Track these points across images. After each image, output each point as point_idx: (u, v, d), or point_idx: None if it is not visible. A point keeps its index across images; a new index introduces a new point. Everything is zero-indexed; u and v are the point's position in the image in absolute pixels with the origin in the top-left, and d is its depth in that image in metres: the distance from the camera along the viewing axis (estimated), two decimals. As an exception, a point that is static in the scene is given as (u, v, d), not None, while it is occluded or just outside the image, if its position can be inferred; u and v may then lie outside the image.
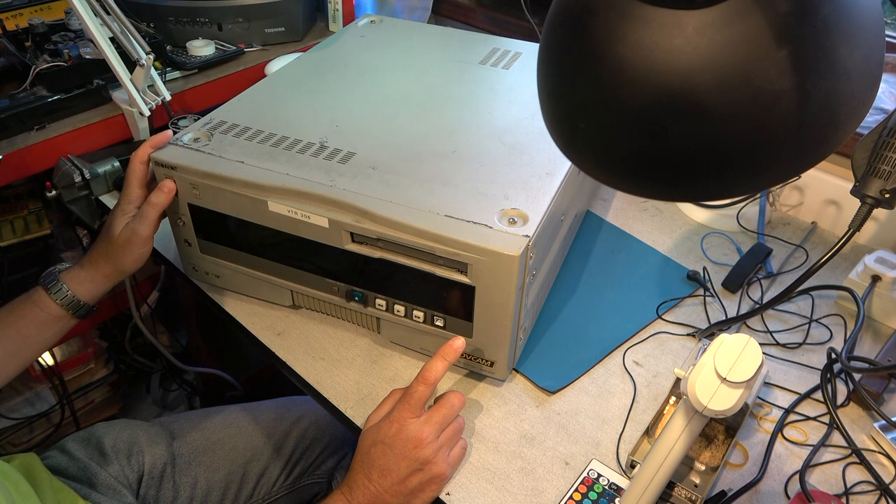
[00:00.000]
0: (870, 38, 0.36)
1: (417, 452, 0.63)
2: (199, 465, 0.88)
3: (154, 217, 0.73)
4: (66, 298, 0.72)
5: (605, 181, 0.44)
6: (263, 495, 0.92)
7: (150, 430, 0.89)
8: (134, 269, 0.75)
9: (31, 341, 0.73)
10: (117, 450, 0.85)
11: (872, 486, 0.66)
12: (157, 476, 0.85)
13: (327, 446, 0.98)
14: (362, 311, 0.76)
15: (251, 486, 0.91)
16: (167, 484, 0.86)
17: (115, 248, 0.73)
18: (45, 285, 0.72)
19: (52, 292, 0.72)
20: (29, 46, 1.04)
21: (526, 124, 0.81)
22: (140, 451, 0.86)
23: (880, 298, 0.83)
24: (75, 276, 0.73)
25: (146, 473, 0.85)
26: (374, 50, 0.99)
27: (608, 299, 0.86)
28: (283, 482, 0.94)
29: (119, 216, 0.74)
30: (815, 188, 0.98)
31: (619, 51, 0.36)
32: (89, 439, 0.85)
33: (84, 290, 0.73)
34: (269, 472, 0.93)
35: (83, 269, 0.74)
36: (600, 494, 0.65)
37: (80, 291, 0.73)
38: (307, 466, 0.96)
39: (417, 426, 0.63)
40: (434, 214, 0.66)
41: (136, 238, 0.72)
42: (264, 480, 0.92)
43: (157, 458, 0.86)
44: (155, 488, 0.85)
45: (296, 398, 1.01)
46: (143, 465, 0.85)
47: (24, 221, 1.11)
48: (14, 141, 0.94)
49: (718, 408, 0.52)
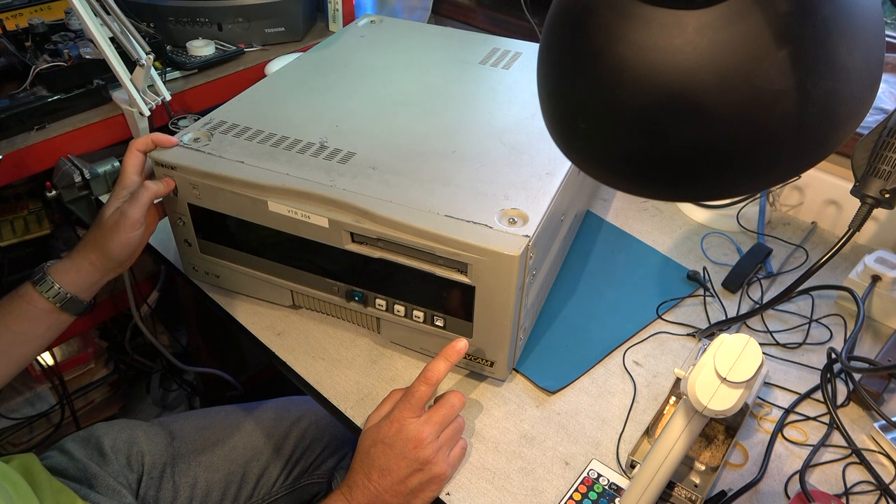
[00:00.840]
0: (870, 38, 0.36)
1: (417, 452, 0.63)
2: (199, 465, 0.88)
3: (146, 200, 0.71)
4: (52, 291, 0.70)
5: (605, 181, 0.44)
6: (263, 495, 0.92)
7: (149, 431, 0.89)
8: (121, 256, 0.72)
9: (23, 338, 0.71)
10: (117, 450, 0.85)
11: (872, 486, 0.66)
12: (157, 476, 0.85)
13: (327, 446, 0.98)
14: (362, 311, 0.76)
15: (251, 485, 0.91)
16: (167, 484, 0.86)
17: (103, 231, 0.71)
18: (32, 279, 0.71)
19: (39, 285, 0.70)
20: (29, 46, 1.04)
21: (526, 124, 0.81)
22: (140, 451, 0.86)
23: (880, 298, 0.83)
24: (61, 268, 0.72)
25: (146, 474, 0.85)
26: (374, 50, 0.99)
27: (608, 299, 0.86)
28: (283, 482, 0.94)
29: (112, 200, 0.72)
30: (815, 188, 0.98)
31: (619, 51, 0.36)
32: (88, 439, 0.85)
33: (69, 280, 0.71)
34: (269, 471, 0.93)
35: (69, 259, 0.72)
36: (600, 494, 0.65)
37: (66, 282, 0.71)
38: (307, 466, 0.96)
39: (418, 426, 0.63)
40: (434, 214, 0.66)
41: (125, 220, 0.70)
42: (264, 480, 0.92)
43: (156, 458, 0.86)
44: (154, 489, 0.85)
45: (295, 398, 1.01)
46: (142, 465, 0.85)
47: (24, 221, 1.11)
48: (14, 141, 0.94)
49: (718, 408, 0.52)
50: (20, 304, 0.71)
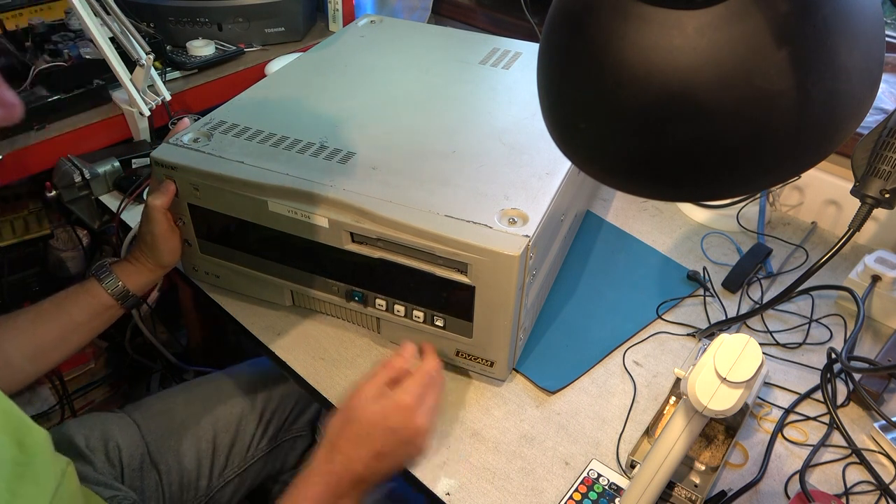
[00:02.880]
0: (870, 37, 0.36)
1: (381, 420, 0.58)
2: (169, 450, 0.89)
3: (159, 216, 0.76)
4: (117, 289, 0.77)
5: (606, 181, 0.44)
6: (239, 462, 0.93)
7: (119, 423, 0.89)
8: (173, 261, 0.80)
9: (81, 328, 0.77)
10: (93, 448, 0.85)
11: (872, 486, 0.66)
12: (137, 468, 0.86)
13: (299, 400, 0.98)
14: (362, 311, 0.76)
15: (224, 454, 0.91)
16: (148, 473, 0.87)
17: (148, 248, 0.78)
18: (98, 276, 0.77)
19: (105, 282, 0.76)
20: (29, 46, 1.04)
21: (526, 124, 0.81)
22: (115, 446, 0.86)
23: (880, 298, 0.83)
24: (124, 269, 0.78)
25: (126, 466, 0.86)
26: (374, 50, 0.99)
27: (608, 299, 0.86)
28: (259, 443, 0.95)
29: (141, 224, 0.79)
30: (815, 188, 0.98)
31: (619, 51, 0.36)
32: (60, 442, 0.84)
33: (132, 281, 0.78)
34: (242, 437, 0.93)
35: (130, 264, 0.79)
36: (600, 494, 0.65)
37: (129, 283, 0.77)
38: (282, 422, 0.97)
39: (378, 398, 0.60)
40: (434, 214, 0.66)
41: (156, 238, 0.77)
42: (238, 447, 0.93)
43: (133, 450, 0.87)
44: (139, 480, 0.86)
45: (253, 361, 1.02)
46: (121, 459, 0.86)
47: (24, 221, 1.11)
48: (14, 141, 0.94)
49: (718, 408, 0.52)
50: (85, 298, 0.76)
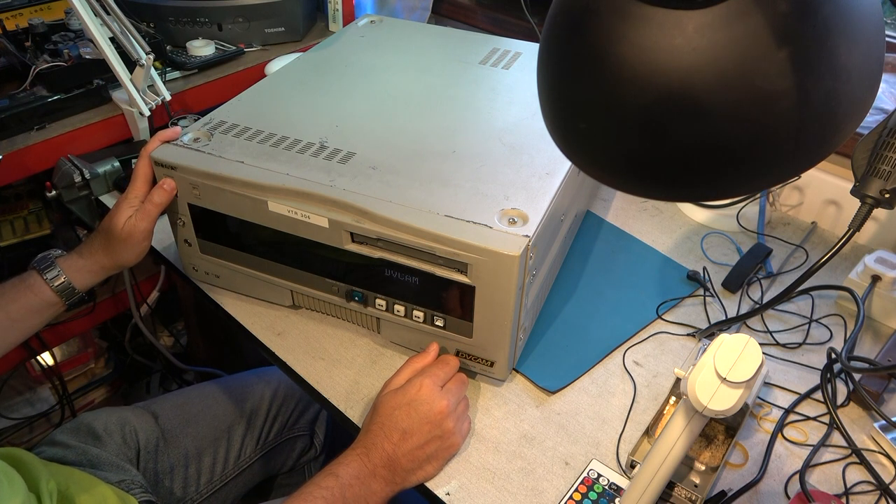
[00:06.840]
0: (870, 38, 0.36)
1: (441, 419, 0.65)
2: (186, 435, 0.92)
3: (155, 214, 0.74)
4: (62, 285, 0.71)
5: (606, 181, 0.44)
6: (250, 453, 0.97)
7: (135, 412, 0.91)
8: (132, 263, 0.75)
9: (19, 326, 0.72)
10: (110, 431, 0.86)
11: (872, 486, 0.66)
12: (153, 451, 0.88)
13: (300, 401, 1.03)
14: (362, 311, 0.76)
15: (237, 446, 0.96)
16: (163, 457, 0.89)
17: (116, 241, 0.73)
18: (41, 269, 0.71)
19: (48, 277, 0.71)
20: (29, 46, 1.04)
21: (526, 124, 0.81)
22: (132, 429, 0.88)
23: (880, 298, 0.83)
24: (73, 264, 0.72)
25: (142, 448, 0.87)
26: (374, 50, 0.99)
27: (608, 299, 0.86)
28: (265, 438, 0.99)
29: (125, 208, 0.74)
30: (815, 188, 0.98)
31: (619, 51, 0.36)
32: (79, 428, 0.86)
33: (80, 278, 0.72)
34: (251, 431, 0.97)
35: (81, 258, 0.73)
36: (600, 494, 0.65)
37: (76, 279, 0.72)
38: (285, 421, 1.01)
39: (442, 395, 0.66)
40: (434, 214, 0.66)
41: (137, 233, 0.73)
42: (248, 439, 0.97)
43: (149, 434, 0.89)
44: (153, 462, 0.87)
45: (264, 369, 1.06)
46: (137, 441, 0.87)
47: (24, 221, 1.11)
48: (14, 141, 0.94)
49: (718, 408, 0.52)
50: (25, 294, 0.71)
